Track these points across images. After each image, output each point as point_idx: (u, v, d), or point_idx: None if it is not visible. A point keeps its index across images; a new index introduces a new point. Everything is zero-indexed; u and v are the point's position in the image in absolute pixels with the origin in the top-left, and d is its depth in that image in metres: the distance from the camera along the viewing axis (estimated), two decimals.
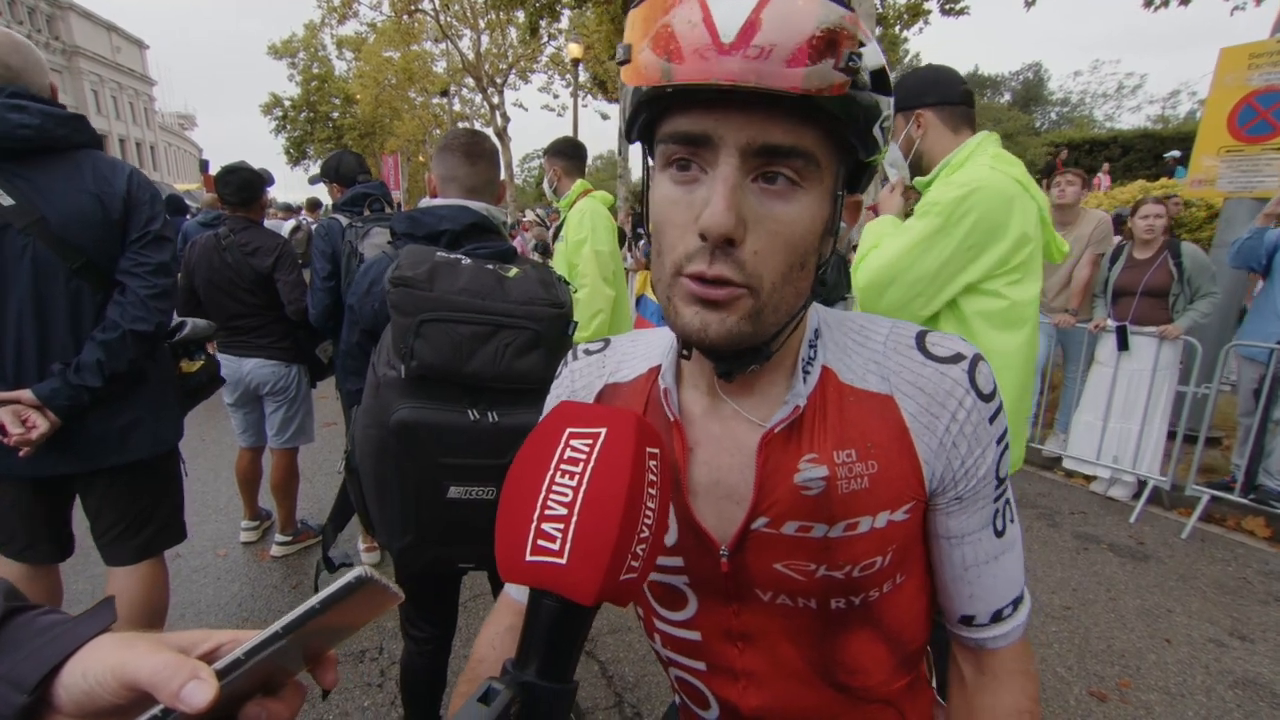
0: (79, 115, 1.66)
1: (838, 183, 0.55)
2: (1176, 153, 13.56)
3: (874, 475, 0.60)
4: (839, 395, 0.61)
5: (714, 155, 0.51)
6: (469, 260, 1.40)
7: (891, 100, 0.54)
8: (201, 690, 0.36)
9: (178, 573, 3.04)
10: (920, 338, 0.63)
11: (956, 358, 0.61)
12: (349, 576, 0.38)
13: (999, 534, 0.64)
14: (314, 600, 0.37)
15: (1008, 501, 0.65)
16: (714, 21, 0.46)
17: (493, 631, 0.74)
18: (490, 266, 1.41)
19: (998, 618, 0.65)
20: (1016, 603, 0.66)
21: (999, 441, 0.62)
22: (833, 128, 0.51)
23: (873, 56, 0.49)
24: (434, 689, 1.74)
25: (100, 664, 0.40)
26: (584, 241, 2.78)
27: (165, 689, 0.36)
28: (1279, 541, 3.38)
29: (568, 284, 1.51)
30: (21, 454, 1.53)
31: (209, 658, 0.40)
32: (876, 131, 0.53)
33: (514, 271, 1.42)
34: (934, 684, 0.80)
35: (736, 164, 0.50)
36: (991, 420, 0.61)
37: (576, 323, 1.53)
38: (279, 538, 3.22)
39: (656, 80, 0.49)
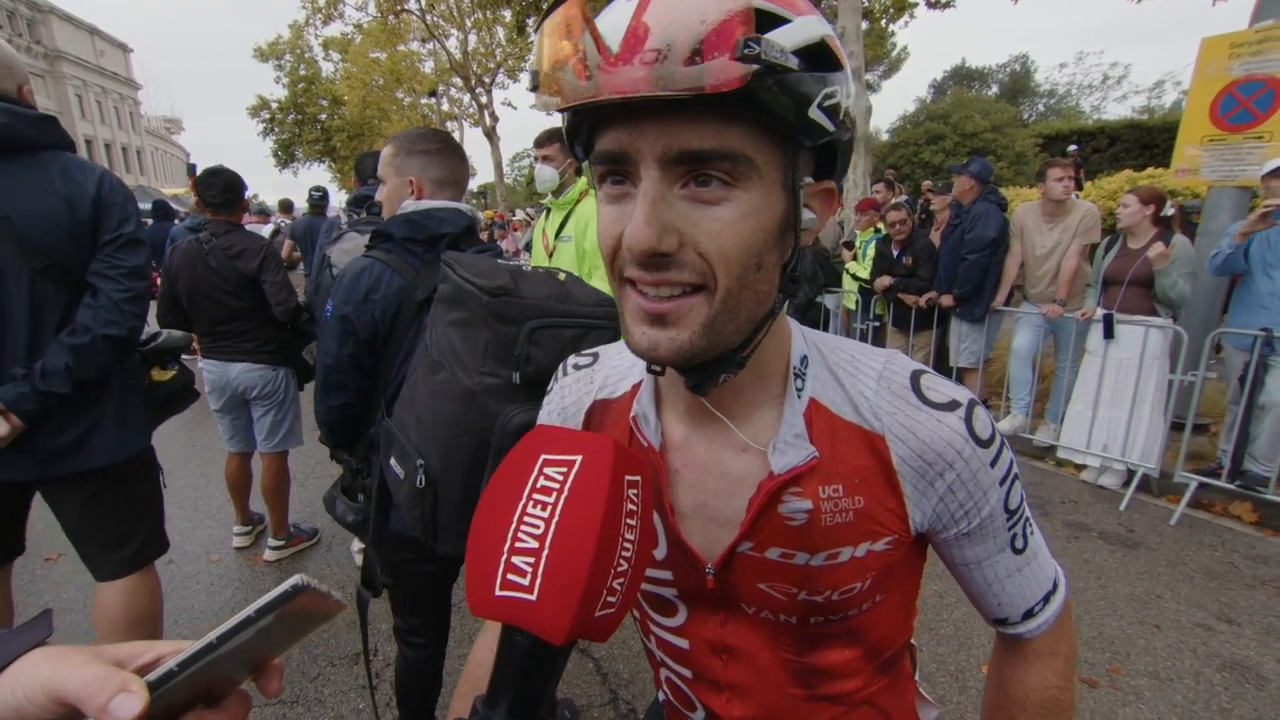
0: (48, 116, 1.63)
1: (791, 174, 0.51)
2: (1074, 146, 14.25)
3: (858, 510, 0.59)
4: (830, 429, 0.60)
5: (636, 169, 0.49)
6: (529, 267, 1.41)
7: (841, 74, 0.49)
8: (129, 703, 0.35)
9: (171, 578, 3.02)
10: (915, 379, 0.61)
11: (952, 405, 0.59)
12: (286, 585, 0.37)
13: (1019, 551, 0.64)
14: (250, 609, 0.37)
15: (1026, 521, 0.65)
16: (600, 35, 0.45)
17: (492, 637, 0.74)
18: (543, 272, 1.42)
19: (1029, 615, 0.67)
20: (1048, 597, 0.67)
21: (1003, 482, 0.61)
22: (760, 120, 0.47)
23: (797, 34, 0.46)
24: (429, 692, 1.74)
25: (30, 678, 0.39)
26: None
27: (92, 702, 0.36)
28: (1266, 526, 3.42)
29: None
30: None
31: (148, 669, 0.39)
32: (816, 113, 0.48)
33: (563, 275, 1.44)
34: (916, 675, 0.81)
35: (657, 175, 0.48)
36: (993, 464, 0.60)
37: None
38: (272, 542, 3.20)
39: (557, 104, 0.48)
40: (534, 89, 0.50)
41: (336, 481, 1.75)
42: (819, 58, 0.48)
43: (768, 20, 0.45)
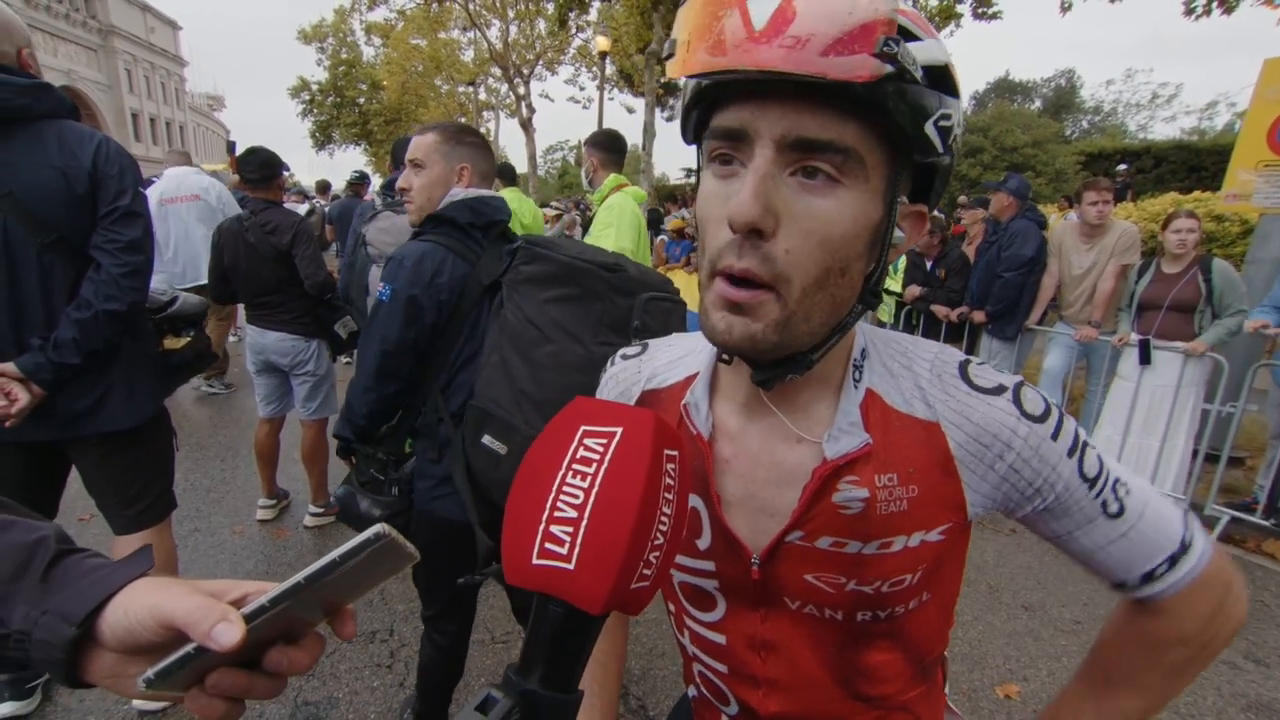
0: (42, 84, 1.58)
1: (892, 186, 0.52)
2: (1124, 165, 14.15)
3: (913, 499, 0.59)
4: (884, 420, 0.61)
5: (751, 148, 0.50)
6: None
7: (956, 102, 0.52)
8: (230, 631, 0.40)
9: (195, 548, 3.10)
10: (963, 368, 0.62)
11: (999, 389, 0.60)
12: (368, 532, 0.40)
13: (1114, 516, 0.61)
14: (334, 553, 0.40)
15: (1115, 483, 0.61)
16: (749, 12, 0.46)
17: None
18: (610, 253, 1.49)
19: (1150, 578, 0.63)
20: (1174, 559, 0.62)
21: (1071, 453, 0.60)
22: (877, 123, 0.49)
23: (927, 52, 0.48)
24: (451, 679, 1.81)
25: (140, 604, 0.44)
26: (610, 228, 2.84)
27: (197, 629, 0.40)
28: None
29: None
30: (7, 424, 1.55)
31: (235, 605, 0.43)
32: (930, 129, 0.50)
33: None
34: (946, 688, 0.81)
35: (771, 155, 0.49)
36: (1055, 436, 0.59)
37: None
38: (311, 509, 3.34)
39: (690, 71, 0.49)
40: (668, 57, 0.51)
41: (348, 479, 1.68)
42: (941, 80, 0.50)
43: (905, 35, 0.47)
